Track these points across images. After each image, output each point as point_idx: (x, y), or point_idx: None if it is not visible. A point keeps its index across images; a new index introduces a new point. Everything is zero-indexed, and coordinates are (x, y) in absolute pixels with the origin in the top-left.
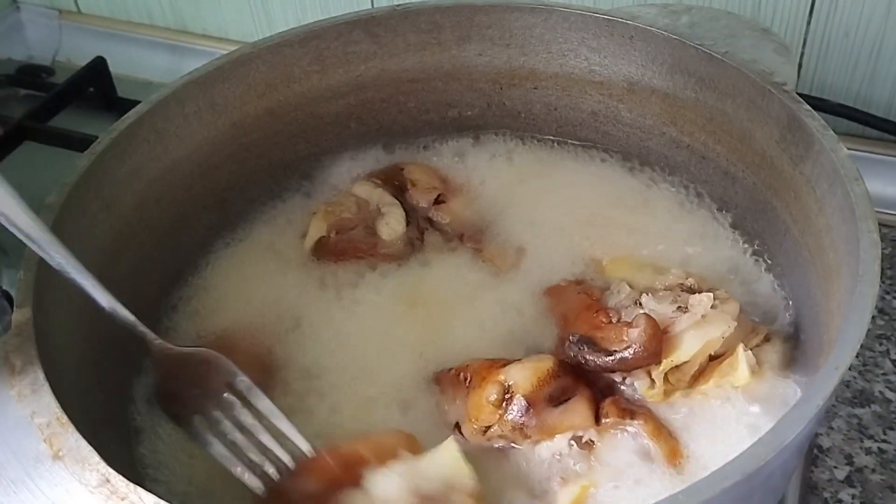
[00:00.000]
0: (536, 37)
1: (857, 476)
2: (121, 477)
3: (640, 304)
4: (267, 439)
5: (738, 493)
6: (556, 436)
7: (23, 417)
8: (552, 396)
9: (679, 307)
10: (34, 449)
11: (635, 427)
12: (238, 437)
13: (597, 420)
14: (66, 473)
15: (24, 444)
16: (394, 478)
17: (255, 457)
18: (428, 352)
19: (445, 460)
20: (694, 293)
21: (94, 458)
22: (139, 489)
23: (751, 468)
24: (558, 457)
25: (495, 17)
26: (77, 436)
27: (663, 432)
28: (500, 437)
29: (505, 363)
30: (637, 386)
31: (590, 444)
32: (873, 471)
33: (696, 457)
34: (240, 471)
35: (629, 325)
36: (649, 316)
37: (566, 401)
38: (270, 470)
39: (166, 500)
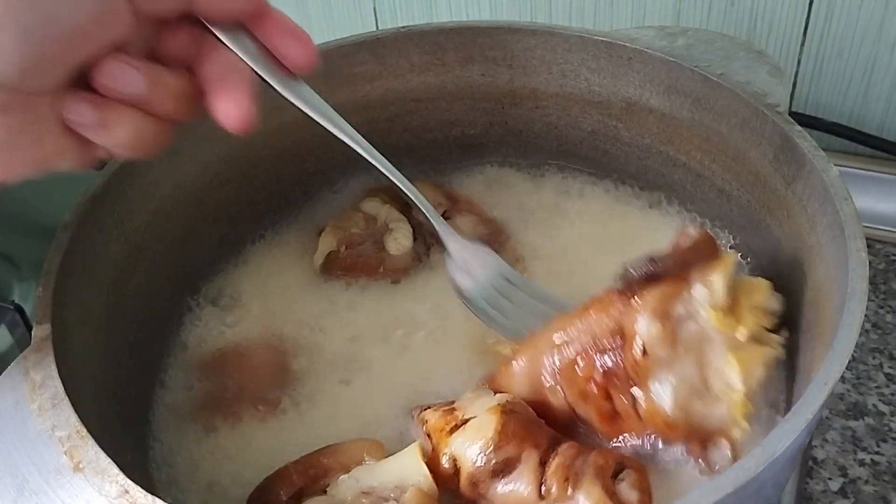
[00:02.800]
0: (538, 58)
1: (851, 487)
2: (139, 488)
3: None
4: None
5: None
6: None
7: (44, 431)
8: (496, 470)
9: None
10: (55, 461)
11: (580, 499)
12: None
13: (541, 494)
14: (87, 485)
15: (46, 456)
16: (351, 481)
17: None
18: (432, 366)
19: (406, 463)
20: None
21: (114, 469)
22: (157, 500)
23: (741, 481)
24: None
25: (498, 38)
26: (96, 448)
27: None
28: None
29: (454, 426)
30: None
31: None
32: (866, 482)
33: None
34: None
35: (676, 242)
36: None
37: (512, 471)
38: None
39: None
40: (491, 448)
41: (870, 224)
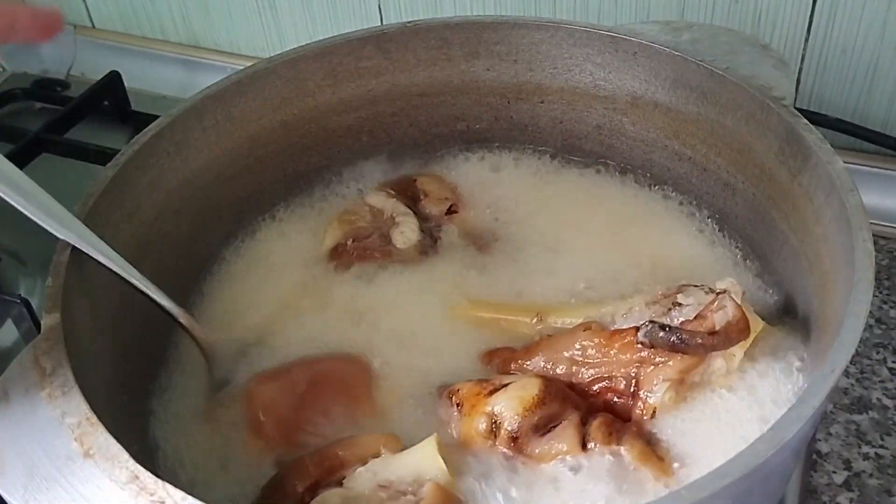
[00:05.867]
0: (543, 53)
1: (855, 480)
2: (149, 474)
3: (678, 304)
4: None
5: (737, 491)
6: (544, 464)
7: (54, 418)
8: (538, 425)
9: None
10: (65, 448)
11: (622, 451)
12: None
13: (584, 445)
14: (97, 471)
15: (56, 443)
16: (367, 474)
17: None
18: (444, 351)
19: (422, 456)
20: (671, 296)
21: (124, 455)
22: (167, 485)
23: (751, 465)
24: (548, 484)
25: (503, 33)
26: (106, 434)
27: (650, 455)
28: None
29: (492, 389)
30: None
31: (578, 471)
32: (871, 475)
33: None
34: None
35: (710, 311)
36: (726, 295)
37: (554, 427)
38: None
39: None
40: (535, 404)
41: (873, 220)
